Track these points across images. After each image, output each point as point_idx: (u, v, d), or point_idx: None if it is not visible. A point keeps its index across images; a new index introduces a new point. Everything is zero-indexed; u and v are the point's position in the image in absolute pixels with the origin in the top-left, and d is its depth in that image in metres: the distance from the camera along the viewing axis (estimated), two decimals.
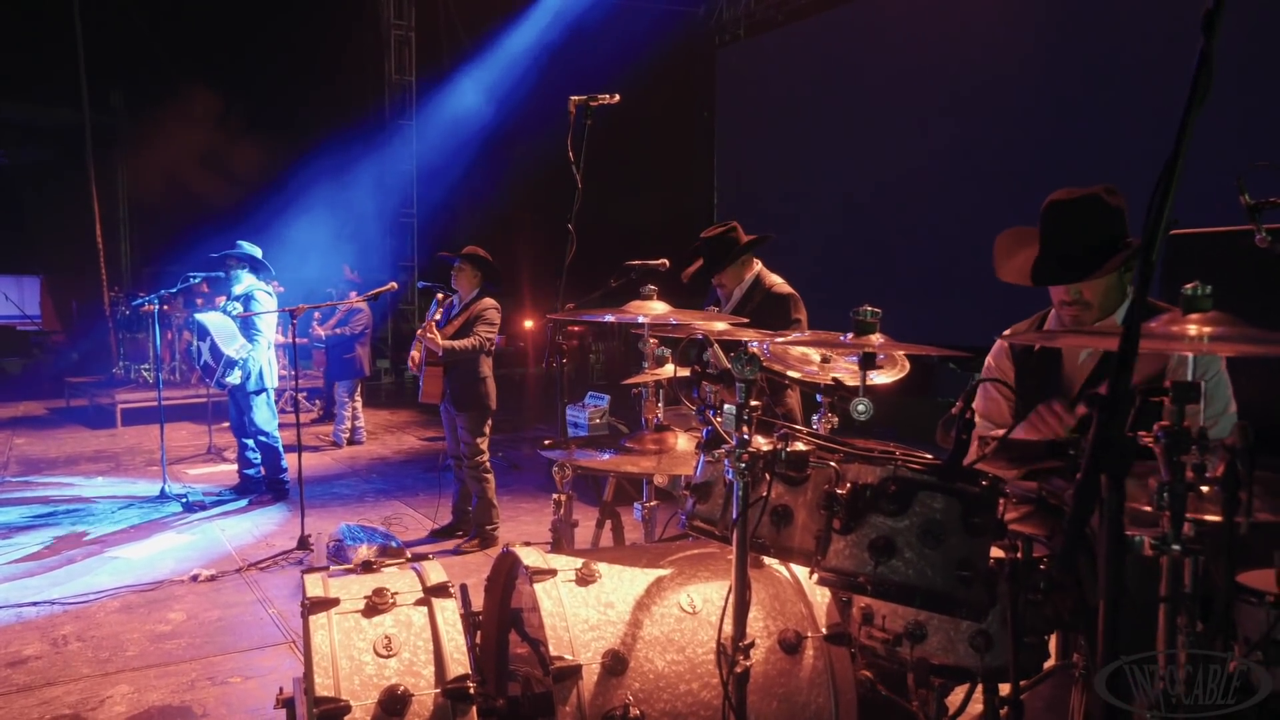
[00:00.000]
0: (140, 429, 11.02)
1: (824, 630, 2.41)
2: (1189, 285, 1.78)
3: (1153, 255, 1.41)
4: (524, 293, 15.22)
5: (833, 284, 11.72)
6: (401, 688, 2.02)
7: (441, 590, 2.26)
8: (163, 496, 7.58)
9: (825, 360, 3.46)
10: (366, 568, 2.43)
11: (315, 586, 2.23)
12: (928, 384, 13.52)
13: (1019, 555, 2.11)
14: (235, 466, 7.99)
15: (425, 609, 2.21)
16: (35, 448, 10.24)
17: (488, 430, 6.31)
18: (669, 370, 2.85)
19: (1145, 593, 1.97)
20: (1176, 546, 1.78)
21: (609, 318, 2.98)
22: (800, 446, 2.01)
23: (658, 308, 3.01)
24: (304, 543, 6.12)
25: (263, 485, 7.69)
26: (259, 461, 7.68)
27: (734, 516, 2.00)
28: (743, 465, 1.96)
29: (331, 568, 2.40)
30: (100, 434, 11.11)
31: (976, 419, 3.03)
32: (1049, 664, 2.56)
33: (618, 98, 3.55)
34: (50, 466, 9.18)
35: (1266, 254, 2.70)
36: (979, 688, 2.32)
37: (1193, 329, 1.72)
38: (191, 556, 6.13)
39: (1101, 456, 1.36)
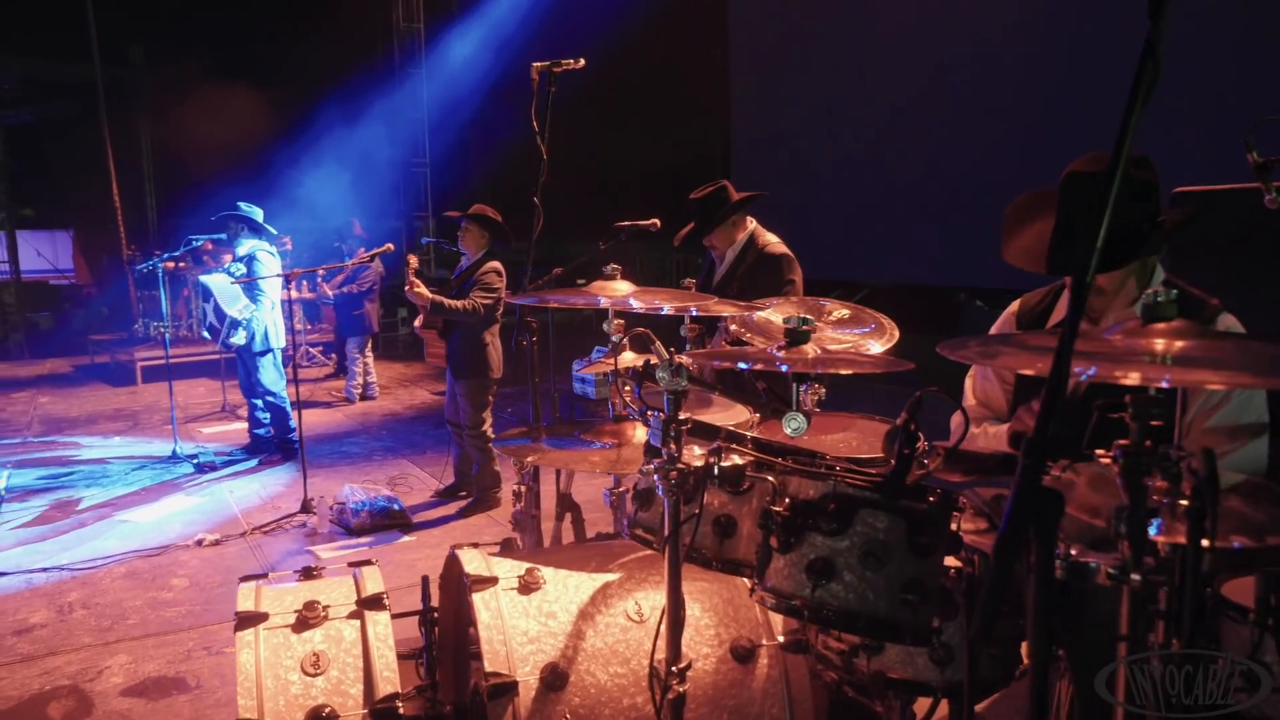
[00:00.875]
0: (160, 386, 11.12)
1: (780, 638, 2.31)
2: (1149, 291, 1.60)
3: (1087, 276, 1.25)
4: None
5: (852, 223, 11.47)
6: (328, 708, 1.96)
7: (375, 602, 2.18)
8: (174, 457, 7.64)
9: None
10: (307, 574, 2.35)
11: (247, 599, 2.17)
12: (956, 321, 13.29)
13: (975, 570, 1.98)
14: (247, 425, 8.03)
15: (357, 623, 2.14)
16: (58, 406, 10.39)
17: (490, 399, 6.17)
18: (627, 358, 2.72)
19: (1111, 613, 1.84)
20: (1136, 576, 1.64)
21: (555, 301, 2.82)
22: (736, 460, 1.88)
23: (621, 288, 2.86)
24: (307, 506, 6.13)
25: (272, 445, 7.72)
26: (268, 421, 7.70)
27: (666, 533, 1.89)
28: (672, 482, 1.84)
29: (270, 574, 2.33)
30: (121, 391, 11.25)
31: (973, 403, 2.86)
32: (1021, 667, 2.44)
33: (582, 62, 3.36)
34: (71, 426, 9.31)
35: (1276, 214, 2.50)
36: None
37: (1159, 343, 1.55)
38: (198, 520, 6.18)
39: (1024, 509, 1.22)
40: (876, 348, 3.15)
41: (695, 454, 1.93)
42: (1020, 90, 9.36)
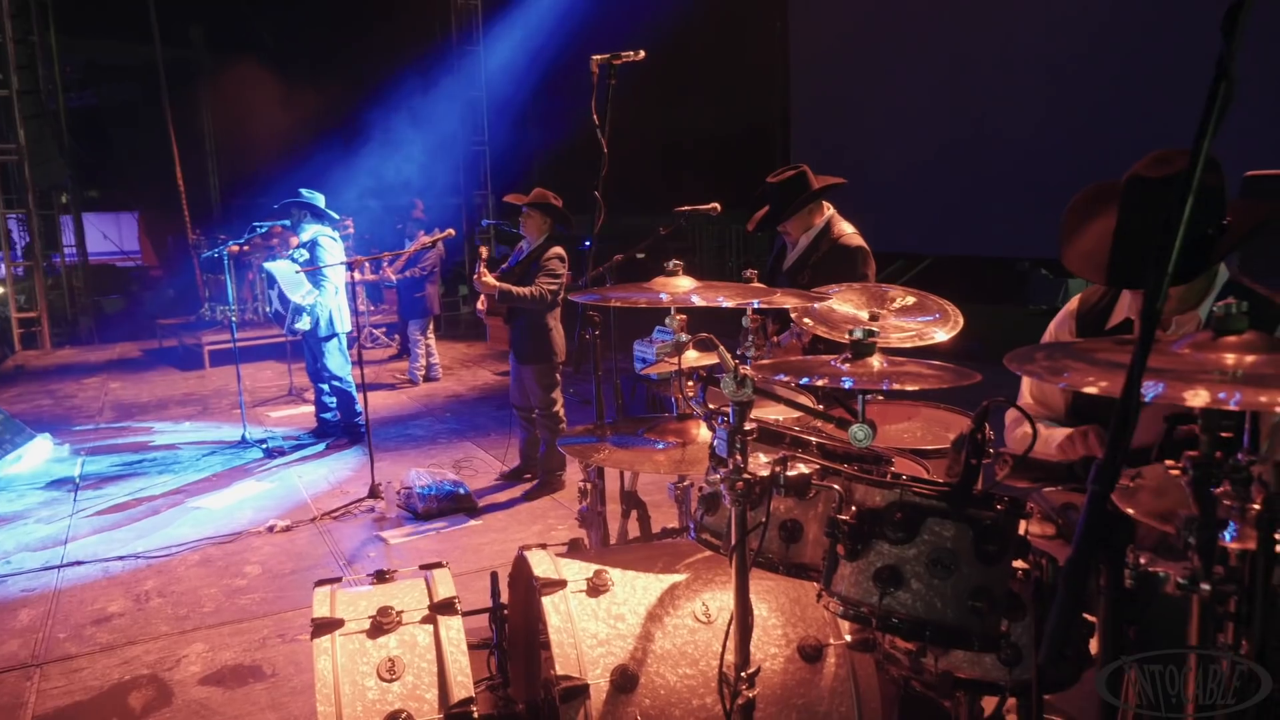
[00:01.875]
0: (227, 370, 11.40)
1: (848, 637, 2.32)
2: (1220, 303, 1.56)
3: (1157, 303, 1.23)
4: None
5: (913, 194, 11.28)
6: (404, 713, 2.02)
7: (447, 607, 2.23)
8: (243, 442, 7.85)
9: (874, 319, 3.28)
10: (380, 577, 2.42)
11: (322, 604, 2.24)
12: (1020, 291, 13.02)
13: (1043, 574, 1.97)
14: (313, 409, 8.21)
15: (430, 627, 2.19)
16: (129, 391, 10.72)
17: (559, 379, 6.23)
18: (691, 357, 2.72)
19: (1178, 614, 1.82)
20: (1206, 586, 1.62)
21: (617, 300, 2.82)
22: (802, 469, 1.88)
23: (683, 284, 2.85)
24: (374, 491, 6.26)
25: (339, 429, 7.89)
26: (335, 405, 7.86)
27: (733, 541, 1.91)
28: (738, 492, 1.85)
29: (344, 578, 2.40)
30: (189, 376, 11.56)
31: (1029, 402, 2.82)
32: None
33: (642, 54, 3.34)
34: (142, 411, 9.60)
35: None
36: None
37: (1230, 358, 1.52)
38: (269, 505, 6.35)
39: (1094, 536, 1.21)
40: (941, 335, 3.11)
41: (761, 461, 1.93)
42: (1084, 56, 9.08)
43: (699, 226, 17.89)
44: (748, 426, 1.85)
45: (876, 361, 1.96)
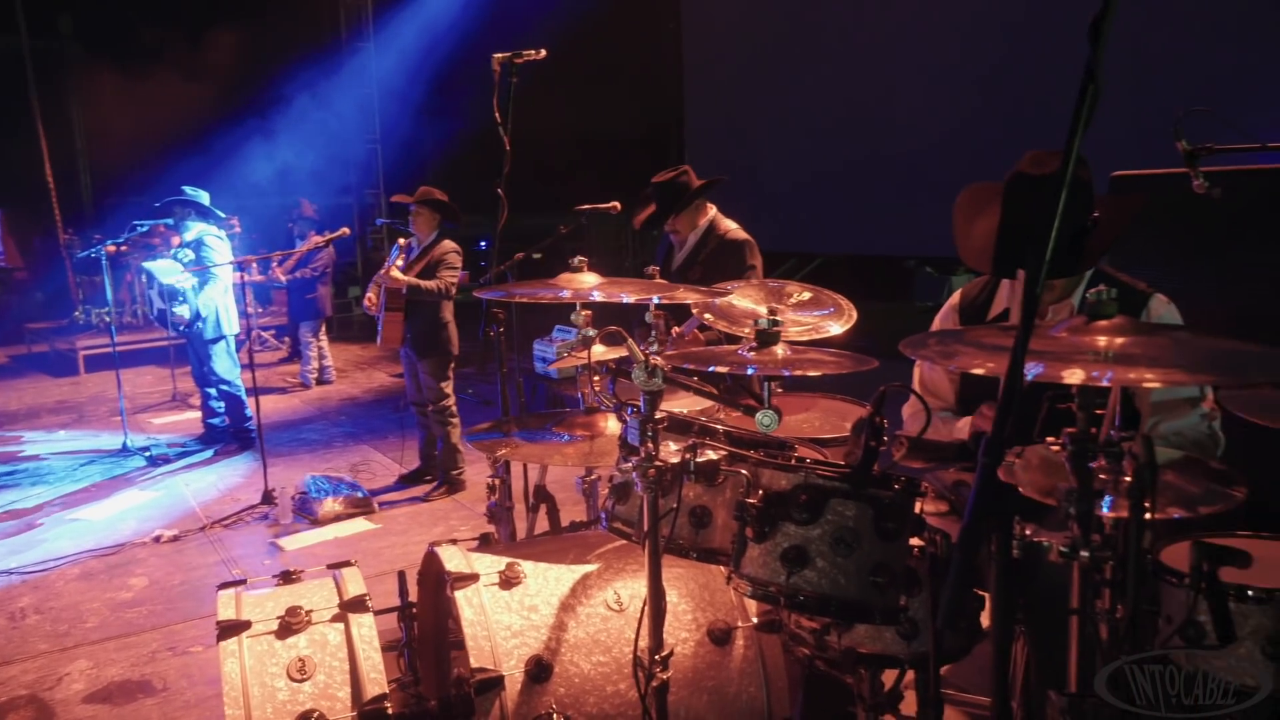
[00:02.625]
0: (103, 375, 10.87)
1: (754, 619, 2.39)
2: (1092, 291, 1.69)
3: (1038, 288, 1.33)
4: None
5: (804, 195, 11.56)
6: (317, 713, 1.99)
7: (358, 605, 2.21)
8: (125, 451, 7.52)
9: (772, 313, 3.38)
10: (286, 578, 2.38)
11: (227, 607, 2.19)
12: (907, 289, 13.50)
13: (938, 550, 2.07)
14: (200, 414, 7.92)
15: (341, 625, 2.17)
16: None
17: (451, 374, 6.26)
18: (598, 351, 2.76)
19: (1059, 582, 1.95)
20: (1085, 553, 1.75)
21: (522, 295, 2.84)
22: (711, 455, 1.94)
23: (588, 279, 2.89)
24: (268, 497, 6.09)
25: (228, 434, 7.63)
26: (223, 410, 7.61)
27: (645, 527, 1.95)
28: (650, 479, 1.90)
29: (249, 580, 2.35)
30: (63, 382, 10.98)
31: (917, 387, 2.97)
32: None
33: (544, 53, 3.36)
34: (11, 421, 9.08)
35: (1204, 198, 2.63)
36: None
37: (1101, 340, 1.64)
38: (155, 515, 6.10)
39: (985, 504, 1.30)
40: (836, 328, 3.24)
41: (670, 449, 1.99)
42: (965, 60, 9.48)
43: (596, 226, 17.95)
44: (658, 415, 1.90)
45: (780, 350, 2.04)
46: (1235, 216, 3.30)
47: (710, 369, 2.01)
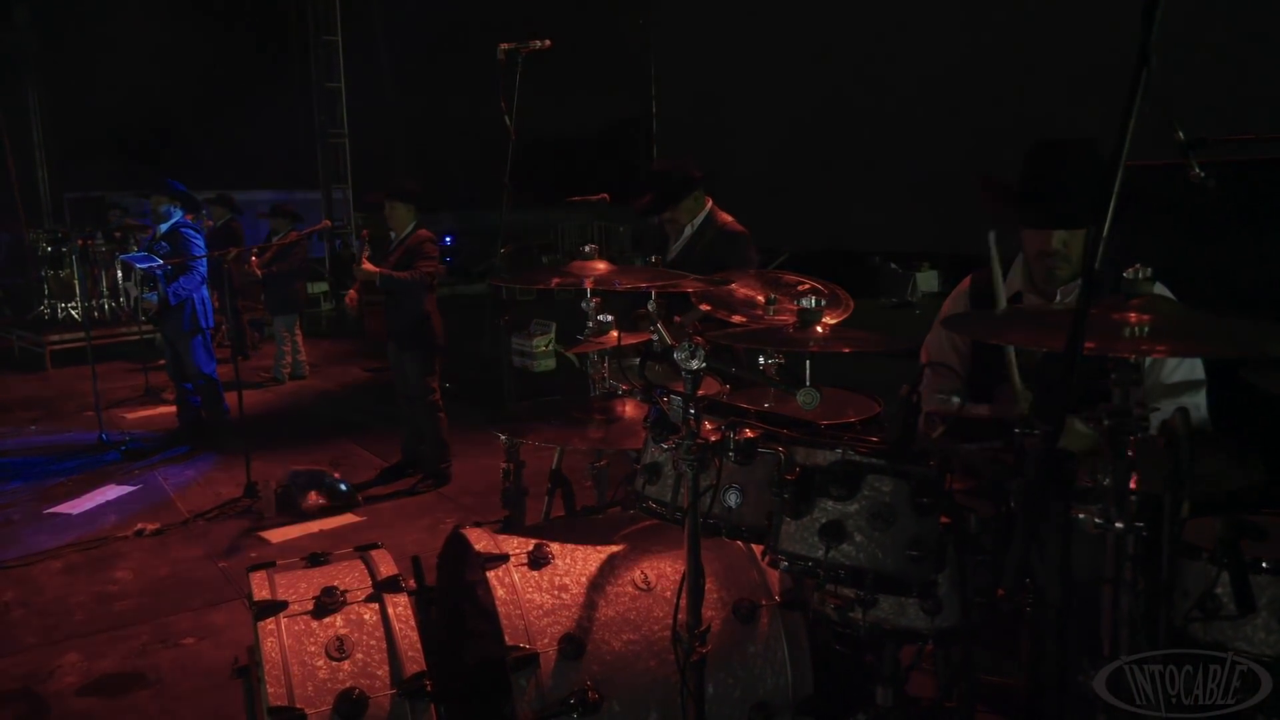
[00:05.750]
0: (72, 371, 10.65)
1: (778, 597, 2.44)
2: (1129, 270, 1.75)
3: (1096, 263, 1.38)
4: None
5: (771, 189, 11.65)
6: (357, 690, 2.00)
7: (392, 584, 2.22)
8: (100, 445, 7.40)
9: (770, 303, 3.43)
10: (314, 560, 2.38)
11: (262, 588, 2.19)
12: (872, 285, 13.67)
13: (965, 526, 2.13)
14: (174, 408, 7.81)
15: (377, 605, 2.18)
16: None
17: (437, 367, 6.21)
18: (613, 337, 2.79)
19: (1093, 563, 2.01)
20: (1119, 524, 1.81)
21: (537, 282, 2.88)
22: (748, 433, 1.98)
23: (600, 267, 2.93)
24: (251, 491, 6.03)
25: (206, 428, 7.54)
26: (200, 404, 7.51)
27: (684, 505, 1.99)
28: (692, 458, 1.93)
29: (278, 562, 2.35)
30: (30, 378, 10.73)
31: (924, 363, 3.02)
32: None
33: (549, 43, 3.38)
34: None
35: (1200, 188, 2.72)
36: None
37: (1133, 317, 1.70)
38: (134, 509, 6.02)
39: (1047, 471, 1.35)
40: (833, 321, 3.30)
41: (706, 429, 2.02)
42: (939, 56, 9.59)
43: (563, 223, 17.94)
44: (699, 394, 1.94)
45: (820, 329, 2.08)
46: (1231, 207, 3.40)
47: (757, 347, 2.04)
